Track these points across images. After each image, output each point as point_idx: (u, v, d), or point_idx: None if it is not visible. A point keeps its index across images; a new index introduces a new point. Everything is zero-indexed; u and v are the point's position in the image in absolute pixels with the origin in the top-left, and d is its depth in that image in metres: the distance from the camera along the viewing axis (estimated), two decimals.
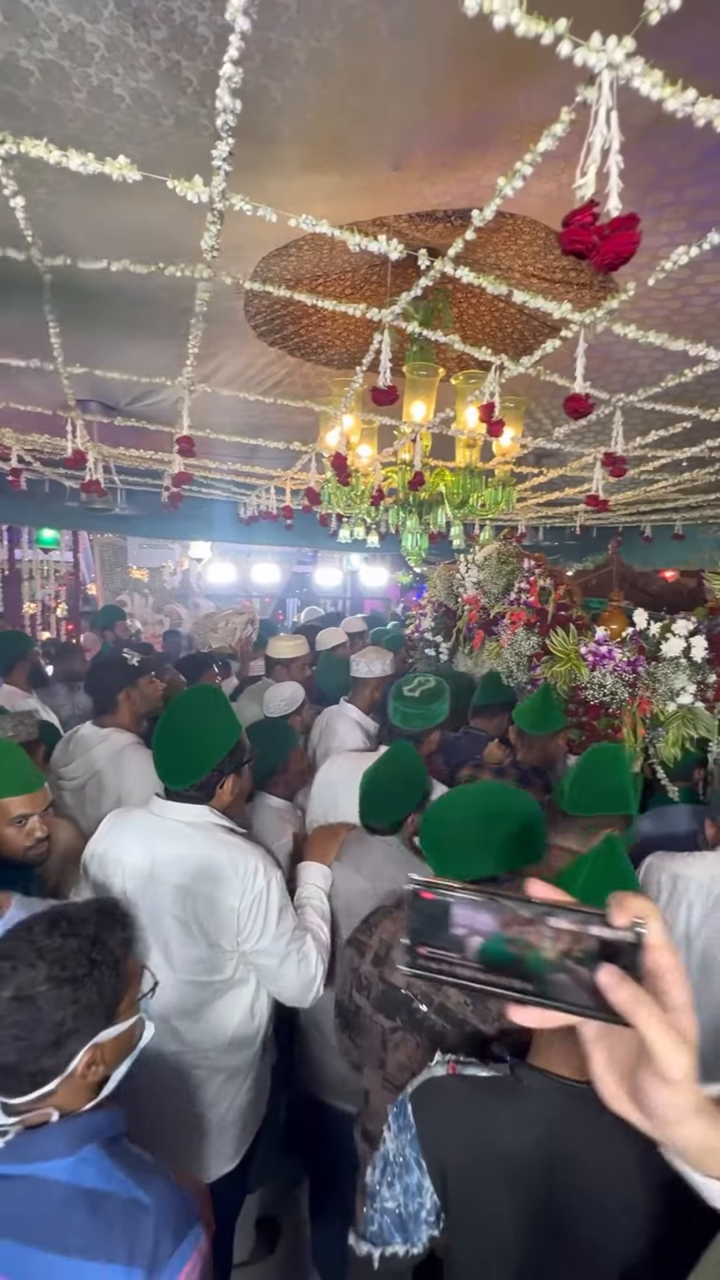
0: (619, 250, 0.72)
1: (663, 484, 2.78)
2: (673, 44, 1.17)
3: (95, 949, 0.88)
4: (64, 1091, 0.83)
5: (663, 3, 0.65)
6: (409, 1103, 0.91)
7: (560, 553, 5.72)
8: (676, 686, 2.10)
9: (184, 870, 1.41)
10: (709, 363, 1.57)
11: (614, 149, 0.73)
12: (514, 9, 0.65)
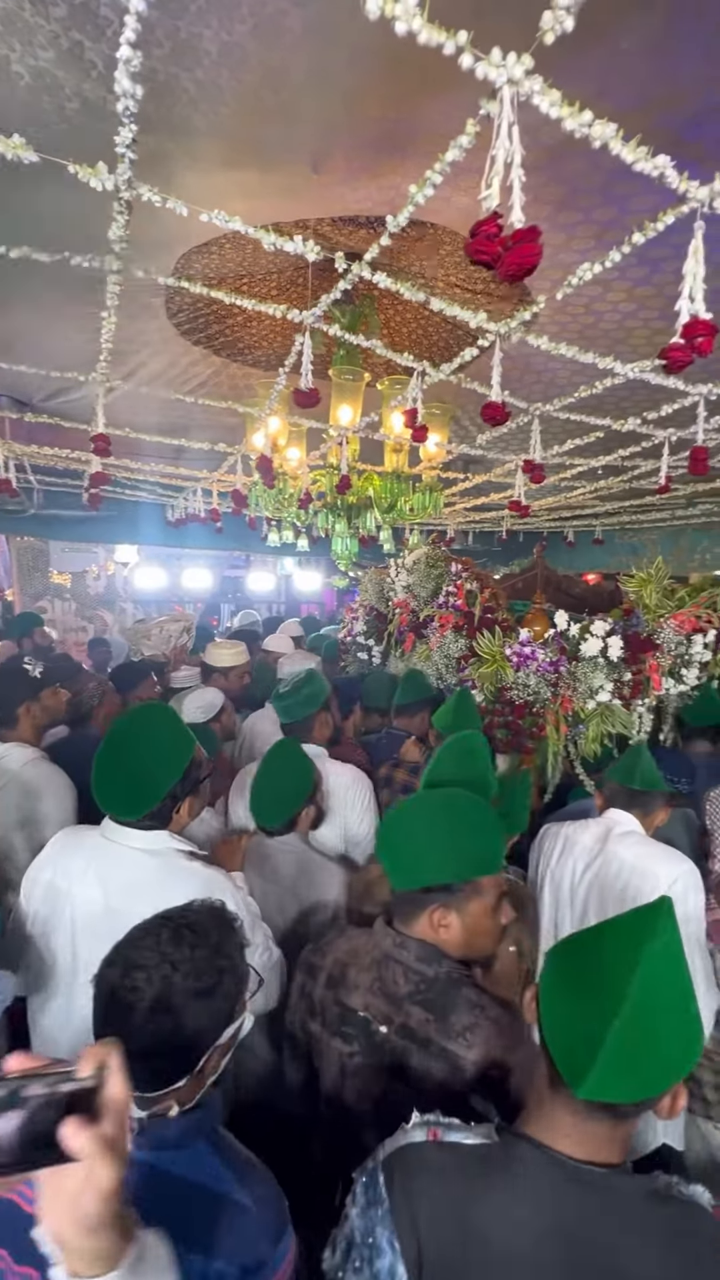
0: (522, 261, 0.74)
1: (581, 491, 2.90)
2: (576, 69, 1.23)
3: (220, 957, 0.91)
4: (187, 1088, 0.89)
5: (557, 24, 0.67)
6: (381, 1172, 0.79)
7: (489, 557, 5.89)
8: (595, 684, 2.19)
9: (148, 902, 1.29)
10: (616, 376, 1.64)
11: (516, 162, 0.74)
12: (415, 16, 0.65)
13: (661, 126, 1.36)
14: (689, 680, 2.36)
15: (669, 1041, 0.74)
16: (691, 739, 2.55)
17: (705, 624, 2.38)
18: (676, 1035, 0.75)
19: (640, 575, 2.32)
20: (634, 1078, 0.72)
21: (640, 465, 2.65)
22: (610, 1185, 0.74)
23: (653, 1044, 0.73)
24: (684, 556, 4.95)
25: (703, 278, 0.96)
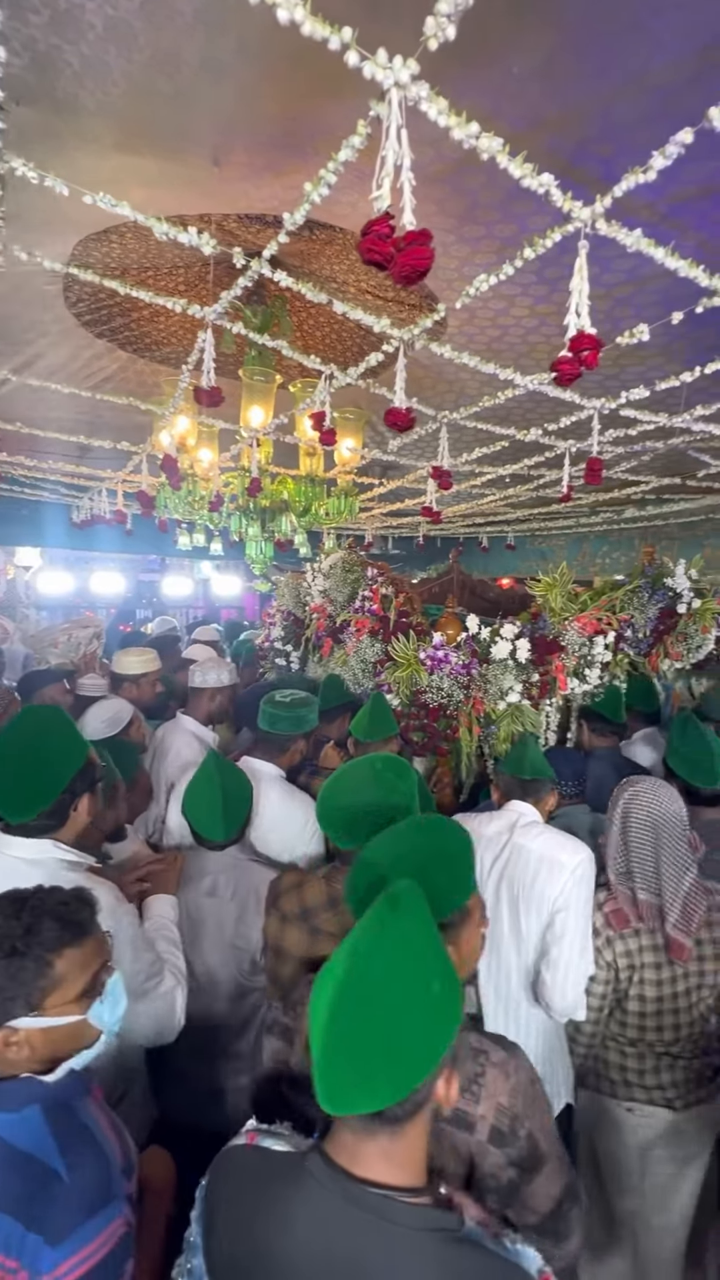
0: (414, 264, 0.74)
1: (492, 498, 3.00)
2: (472, 86, 1.26)
3: (23, 938, 0.91)
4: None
5: (439, 31, 0.67)
6: (205, 1180, 0.82)
7: (407, 562, 5.99)
8: (505, 686, 2.25)
9: None
10: (517, 387, 1.70)
11: (406, 166, 0.74)
12: (297, 6, 0.64)
13: (553, 150, 1.42)
14: (592, 680, 2.48)
15: (400, 1031, 0.69)
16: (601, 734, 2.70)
17: (606, 626, 2.50)
18: (408, 1022, 0.70)
19: (546, 580, 2.42)
20: (370, 1081, 0.68)
21: (545, 474, 2.77)
22: (388, 1212, 0.70)
23: (376, 1040, 0.69)
24: (588, 561, 5.24)
25: (588, 294, 1.00)
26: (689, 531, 4.78)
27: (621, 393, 1.81)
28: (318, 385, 1.80)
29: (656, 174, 1.27)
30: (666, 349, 2.41)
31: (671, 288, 1.50)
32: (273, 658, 3.39)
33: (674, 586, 2.69)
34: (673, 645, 2.77)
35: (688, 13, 1.07)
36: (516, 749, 1.87)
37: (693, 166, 1.43)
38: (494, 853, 1.79)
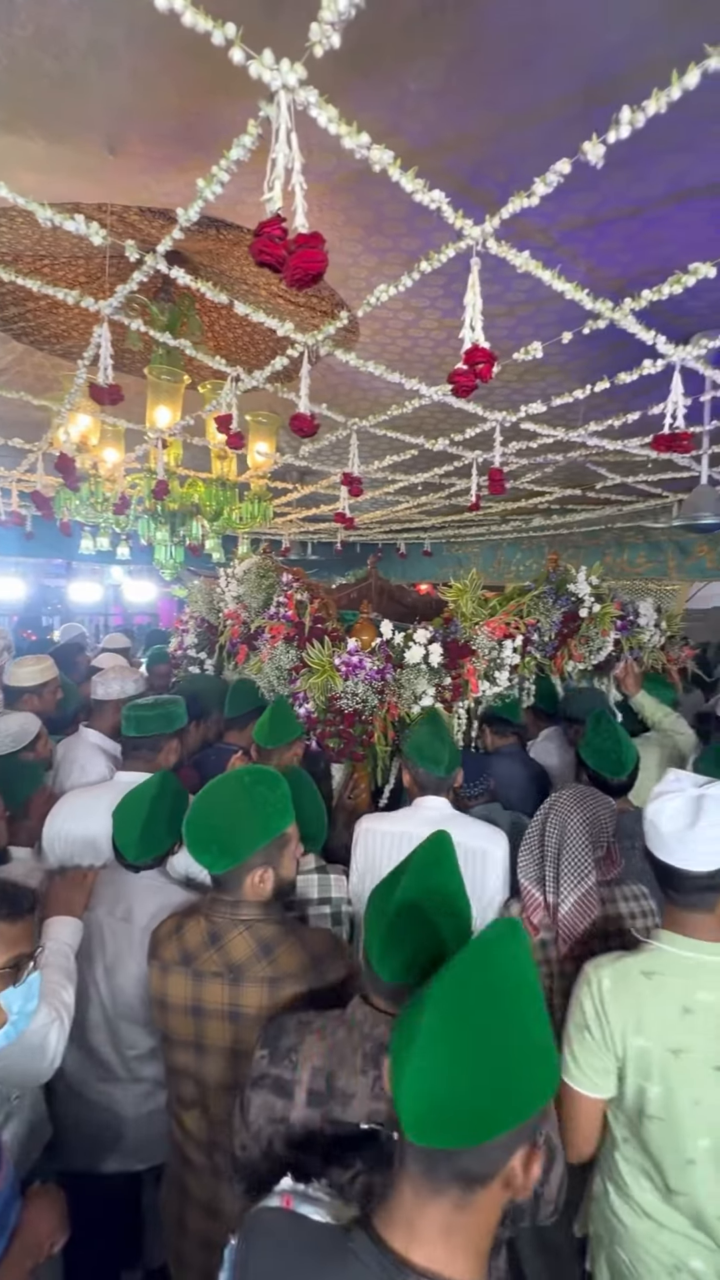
0: (306, 267, 0.73)
1: (406, 505, 3.05)
2: (371, 100, 1.28)
3: None
4: None
5: (324, 39, 0.67)
6: (235, 1241, 0.73)
7: (326, 567, 6.00)
8: (419, 690, 2.29)
9: None
10: (423, 397, 1.73)
11: (297, 169, 0.73)
12: None
13: (451, 169, 1.47)
14: (501, 682, 2.56)
15: (500, 1066, 0.64)
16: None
17: (514, 630, 2.60)
18: (514, 1057, 0.64)
19: (457, 586, 2.48)
20: (462, 1106, 0.62)
21: (456, 483, 2.85)
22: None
23: (476, 1056, 0.63)
24: (502, 568, 5.45)
25: (485, 310, 1.04)
26: (592, 540, 5.07)
27: (522, 406, 1.89)
28: (224, 387, 1.77)
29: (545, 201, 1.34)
30: (565, 367, 2.55)
31: (567, 309, 1.58)
32: (186, 665, 3.29)
33: (576, 592, 2.83)
34: (576, 647, 2.91)
35: (570, 52, 1.13)
36: (430, 744, 1.89)
37: (579, 197, 1.52)
38: (394, 846, 1.81)
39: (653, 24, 1.02)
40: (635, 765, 1.91)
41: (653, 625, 3.29)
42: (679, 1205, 1.19)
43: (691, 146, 1.33)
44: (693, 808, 1.21)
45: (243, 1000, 1.23)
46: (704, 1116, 1.15)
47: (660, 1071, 1.18)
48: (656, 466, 2.84)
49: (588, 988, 1.26)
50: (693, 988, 1.19)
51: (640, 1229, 1.23)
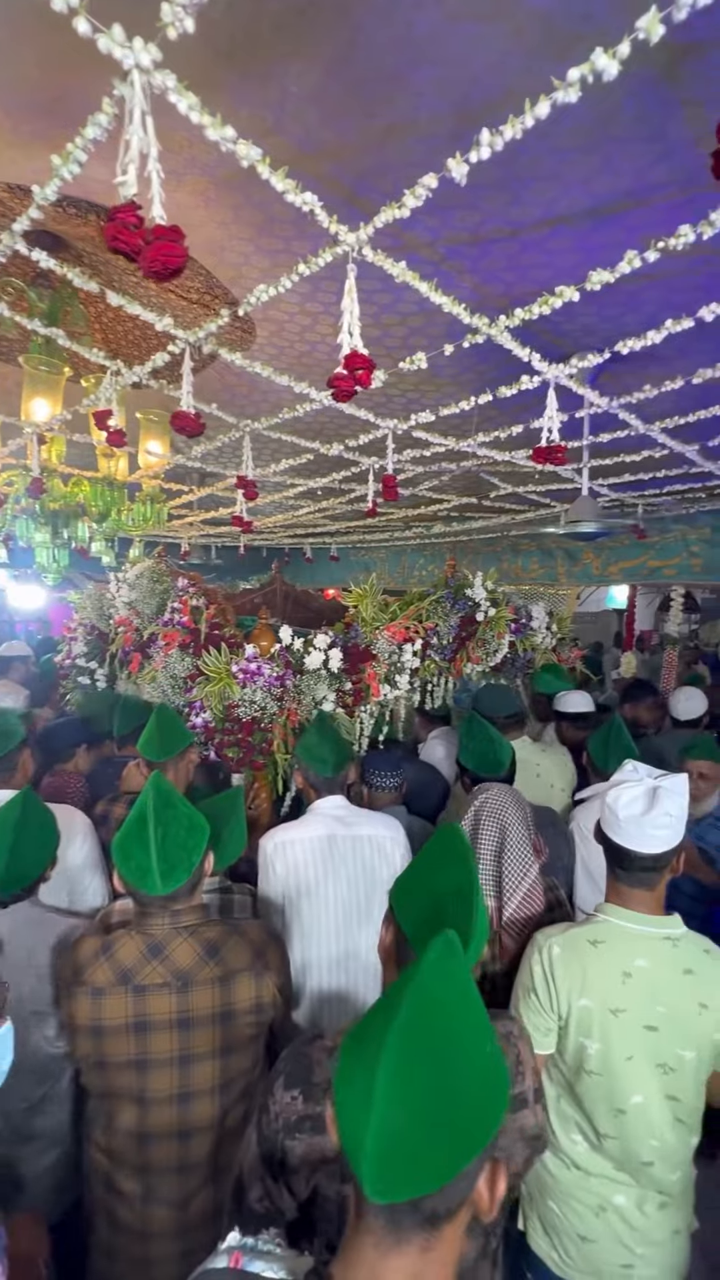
0: (164, 260, 0.69)
1: (307, 510, 3.04)
2: (250, 96, 1.26)
3: None
4: None
5: (177, 21, 0.64)
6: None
7: (230, 572, 5.89)
8: (319, 696, 2.28)
9: None
10: (314, 401, 1.73)
11: (153, 155, 0.70)
12: None
13: (336, 176, 1.47)
14: (402, 686, 2.60)
15: (460, 1095, 0.60)
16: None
17: (413, 634, 2.65)
18: (467, 1085, 0.61)
19: (357, 591, 2.49)
20: (429, 1154, 0.58)
21: (355, 489, 2.87)
22: None
23: (433, 1099, 0.59)
24: (407, 573, 5.57)
25: (358, 315, 1.04)
26: (490, 547, 5.29)
27: (412, 415, 1.93)
28: (103, 381, 1.67)
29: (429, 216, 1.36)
30: (458, 379, 2.63)
31: (456, 323, 1.63)
32: (75, 676, 3.09)
33: (473, 596, 2.93)
34: (473, 650, 3.02)
35: (443, 70, 1.16)
36: (318, 747, 1.92)
37: (461, 214, 1.57)
38: (324, 850, 1.82)
39: (512, 55, 1.07)
40: (512, 762, 2.01)
41: (545, 628, 3.46)
42: (608, 1150, 1.31)
43: (558, 176, 1.41)
44: (649, 797, 1.32)
45: (193, 1005, 1.26)
46: (635, 1072, 1.28)
47: (600, 1030, 1.29)
48: (543, 478, 3.00)
49: (538, 954, 1.36)
50: (632, 955, 1.31)
51: (569, 1178, 1.35)
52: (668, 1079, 1.27)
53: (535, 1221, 1.42)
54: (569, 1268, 1.35)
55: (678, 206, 1.40)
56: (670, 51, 1.06)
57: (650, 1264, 1.33)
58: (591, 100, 1.17)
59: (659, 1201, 1.32)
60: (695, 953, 1.31)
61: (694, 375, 1.69)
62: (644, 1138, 1.28)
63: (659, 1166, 1.28)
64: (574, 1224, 1.34)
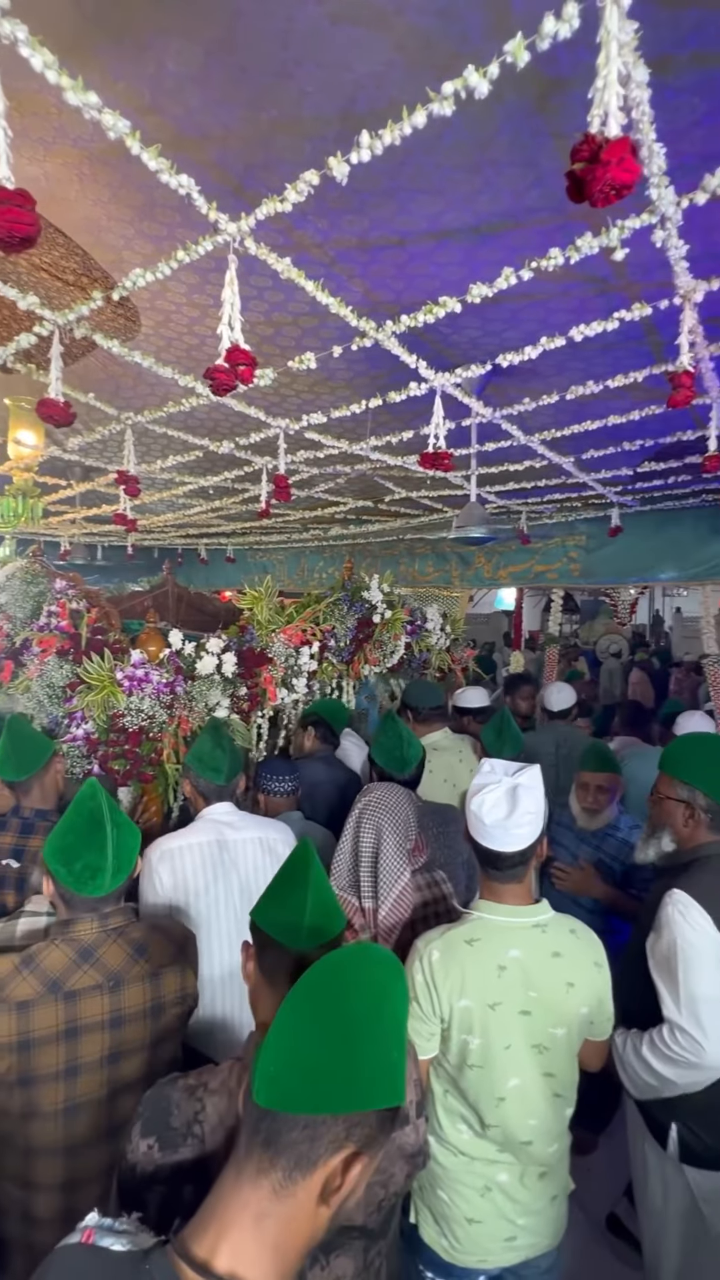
0: (11, 228, 0.63)
1: (199, 509, 2.93)
2: (126, 69, 1.19)
3: None
4: None
5: None
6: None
7: (118, 573, 5.58)
8: (213, 701, 2.20)
9: None
10: (201, 396, 1.66)
11: None
12: None
13: (222, 164, 1.42)
14: (299, 689, 2.58)
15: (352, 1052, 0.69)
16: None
17: (310, 637, 2.63)
18: (364, 1053, 0.69)
19: (251, 593, 2.44)
20: (312, 1079, 0.66)
21: (249, 489, 2.81)
22: None
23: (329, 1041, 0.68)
24: (305, 576, 5.55)
25: (240, 308, 1.01)
26: (388, 550, 5.39)
27: (304, 416, 1.91)
28: None
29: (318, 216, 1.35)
30: (352, 383, 2.65)
31: (348, 325, 1.64)
32: None
33: (370, 599, 2.97)
34: (371, 652, 3.05)
35: (327, 71, 1.15)
36: (211, 753, 1.89)
37: (349, 219, 1.58)
38: (214, 855, 1.80)
39: (395, 66, 1.08)
40: (420, 762, 2.05)
41: (439, 629, 3.58)
42: (491, 1136, 1.36)
43: (442, 192, 1.45)
44: (509, 798, 1.37)
45: (125, 1003, 1.31)
46: (513, 1058, 1.33)
47: (480, 1025, 1.33)
48: (435, 483, 3.09)
49: (419, 961, 1.39)
50: (506, 947, 1.36)
51: (455, 1164, 1.40)
52: (543, 1058, 1.35)
53: (425, 1213, 1.46)
54: (458, 1252, 1.40)
55: (551, 231, 1.49)
56: (541, 84, 1.11)
57: (531, 1232, 1.41)
58: (471, 121, 1.21)
59: (539, 1173, 1.40)
60: (562, 934, 1.40)
61: (568, 391, 1.80)
62: (523, 1118, 1.35)
63: (538, 1143, 1.36)
64: (462, 1209, 1.39)
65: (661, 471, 2.95)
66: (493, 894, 1.42)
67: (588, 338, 1.60)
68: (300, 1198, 0.67)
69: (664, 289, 1.51)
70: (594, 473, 3.00)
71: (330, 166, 0.85)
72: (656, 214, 1.06)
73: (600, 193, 0.69)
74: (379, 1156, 0.73)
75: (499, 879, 1.41)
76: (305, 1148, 0.67)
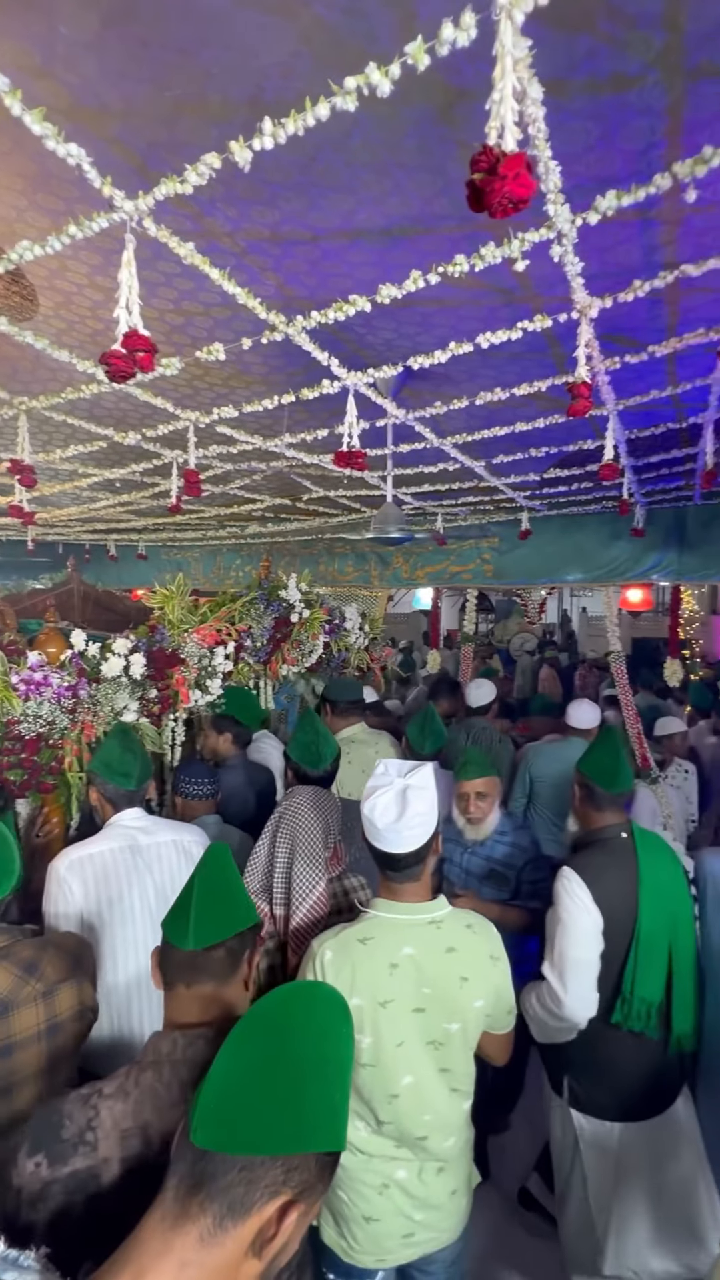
0: None
1: (107, 503, 2.79)
2: (15, 24, 1.10)
3: None
4: None
5: None
6: None
7: (18, 570, 5.23)
8: (120, 705, 2.10)
9: None
10: (102, 382, 1.58)
11: None
12: None
13: (124, 139, 1.35)
14: (214, 691, 2.51)
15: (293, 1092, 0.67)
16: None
17: (225, 637, 2.57)
18: (305, 1095, 0.67)
19: (162, 591, 2.35)
20: (250, 1117, 0.64)
21: (160, 483, 2.70)
22: None
23: (271, 1079, 0.66)
24: (222, 574, 5.42)
25: (138, 291, 0.96)
26: (307, 549, 5.36)
27: (215, 410, 1.86)
28: None
29: (226, 205, 1.31)
30: (268, 378, 2.61)
31: (261, 318, 1.60)
32: None
33: (287, 598, 2.93)
34: (289, 652, 3.02)
35: (233, 55, 1.12)
36: (116, 761, 1.83)
37: (259, 210, 1.55)
38: (127, 861, 1.75)
39: (302, 58, 1.07)
40: (335, 759, 2.05)
41: (358, 628, 3.60)
42: (387, 1133, 1.37)
43: (354, 191, 1.44)
44: (399, 801, 1.38)
45: (15, 1029, 1.23)
46: (406, 1055, 1.34)
47: (371, 1024, 1.33)
48: (352, 483, 3.11)
49: (312, 962, 1.38)
50: (400, 944, 1.37)
51: (354, 1163, 1.40)
52: (438, 1054, 1.37)
53: (326, 1214, 1.46)
54: (355, 1252, 1.40)
55: (459, 239, 1.52)
56: (447, 93, 1.13)
57: (429, 1227, 1.42)
58: (379, 123, 1.22)
59: (437, 1168, 1.41)
60: (458, 930, 1.42)
61: (477, 397, 1.85)
62: (417, 1115, 1.36)
63: (434, 1138, 1.37)
64: (360, 1207, 1.39)
65: (566, 478, 3.11)
66: (390, 892, 1.44)
67: (495, 345, 1.65)
68: (229, 1248, 0.63)
69: (564, 303, 1.59)
70: (504, 477, 3.11)
71: (232, 151, 0.82)
72: (554, 230, 1.10)
73: (499, 204, 0.71)
74: (317, 1207, 0.71)
75: (395, 879, 1.43)
76: (240, 1191, 0.63)
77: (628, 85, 1.09)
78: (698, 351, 1.84)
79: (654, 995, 1.74)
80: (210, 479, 2.89)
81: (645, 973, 1.73)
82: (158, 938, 1.74)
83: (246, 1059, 0.67)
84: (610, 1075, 1.80)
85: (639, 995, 1.72)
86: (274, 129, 0.80)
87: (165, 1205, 0.64)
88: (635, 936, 1.74)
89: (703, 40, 1.02)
